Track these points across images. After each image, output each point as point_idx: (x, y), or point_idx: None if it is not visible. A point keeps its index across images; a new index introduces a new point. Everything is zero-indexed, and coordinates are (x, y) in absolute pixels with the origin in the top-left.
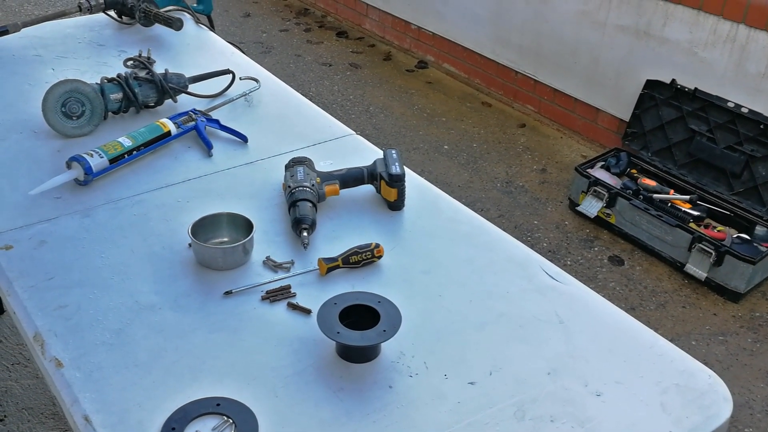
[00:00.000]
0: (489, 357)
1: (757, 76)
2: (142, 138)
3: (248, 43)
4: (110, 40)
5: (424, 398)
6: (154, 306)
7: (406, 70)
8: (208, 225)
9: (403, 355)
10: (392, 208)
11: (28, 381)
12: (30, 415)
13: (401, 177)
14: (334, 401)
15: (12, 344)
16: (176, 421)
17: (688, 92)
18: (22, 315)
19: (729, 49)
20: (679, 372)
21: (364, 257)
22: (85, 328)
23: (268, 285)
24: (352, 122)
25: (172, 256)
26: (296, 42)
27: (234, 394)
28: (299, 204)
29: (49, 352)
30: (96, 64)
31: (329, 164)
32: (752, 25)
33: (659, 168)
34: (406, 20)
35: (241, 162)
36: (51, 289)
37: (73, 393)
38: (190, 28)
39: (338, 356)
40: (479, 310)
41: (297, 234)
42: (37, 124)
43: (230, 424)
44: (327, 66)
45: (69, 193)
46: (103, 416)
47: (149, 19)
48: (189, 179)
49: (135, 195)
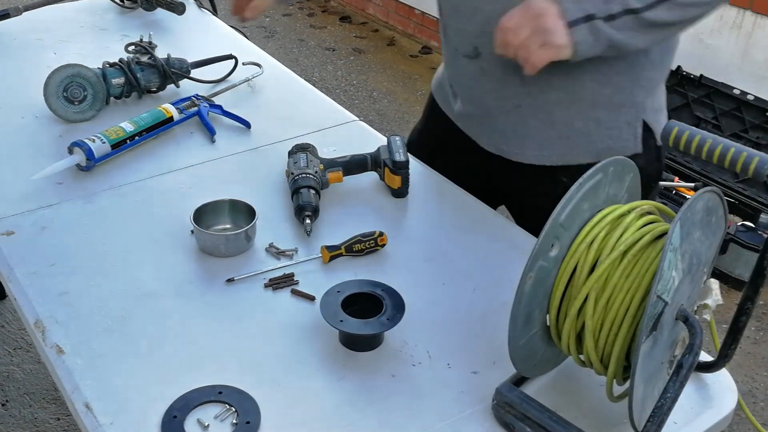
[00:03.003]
0: (493, 346)
1: (764, 63)
2: (145, 123)
3: (251, 27)
4: (112, 25)
5: (427, 387)
6: (155, 293)
7: (409, 55)
8: (210, 211)
9: (406, 343)
10: (396, 196)
11: (30, 366)
12: (32, 399)
13: (405, 164)
14: (336, 389)
15: (14, 329)
16: (178, 409)
17: (693, 79)
18: (23, 301)
19: (735, 35)
20: None
21: (367, 245)
22: (87, 314)
23: (270, 272)
24: (355, 108)
25: (174, 242)
26: (299, 27)
27: (236, 382)
28: (302, 191)
29: (50, 338)
30: (98, 49)
31: (332, 151)
32: (759, 11)
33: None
34: (409, 5)
35: (244, 148)
36: (52, 275)
37: (74, 380)
38: (193, 13)
39: (341, 344)
40: (483, 299)
41: (300, 221)
42: (39, 109)
43: (232, 412)
44: (330, 51)
45: (71, 178)
46: (104, 403)
47: (151, 3)
48: (191, 165)
49: (137, 181)
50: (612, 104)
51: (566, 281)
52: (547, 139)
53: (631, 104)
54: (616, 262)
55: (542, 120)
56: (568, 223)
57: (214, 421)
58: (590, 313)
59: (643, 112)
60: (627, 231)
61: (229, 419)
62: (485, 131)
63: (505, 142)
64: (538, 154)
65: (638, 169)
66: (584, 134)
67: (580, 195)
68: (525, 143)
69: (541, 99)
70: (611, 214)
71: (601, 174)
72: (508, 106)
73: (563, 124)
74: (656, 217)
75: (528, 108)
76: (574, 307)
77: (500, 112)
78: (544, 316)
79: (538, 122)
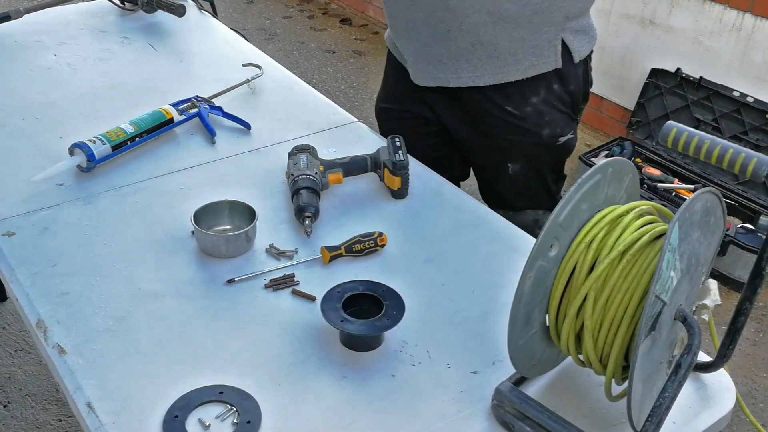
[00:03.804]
0: (492, 346)
1: (763, 65)
2: (145, 124)
3: (251, 29)
4: (113, 27)
5: (427, 387)
6: (156, 293)
7: None
8: (210, 212)
9: (406, 343)
10: (396, 197)
11: (32, 367)
12: (33, 401)
13: (405, 165)
14: (337, 389)
15: (15, 330)
16: (179, 409)
17: (693, 81)
18: (24, 302)
19: (735, 37)
20: None
21: (367, 246)
22: (88, 315)
23: (271, 273)
24: (355, 110)
25: (174, 243)
26: (299, 29)
27: (237, 382)
28: (302, 192)
29: (52, 339)
30: (98, 51)
31: (332, 152)
32: (758, 13)
33: (663, 157)
34: None
35: (244, 149)
36: (53, 276)
37: (76, 380)
38: (193, 15)
39: (341, 345)
40: (482, 300)
41: (300, 222)
42: (40, 111)
43: (233, 412)
44: (330, 53)
45: (71, 179)
46: (106, 403)
47: (152, 5)
48: (192, 166)
49: (137, 182)
50: (533, 24)
51: (565, 281)
52: (478, 59)
53: (550, 24)
54: (615, 262)
55: (471, 42)
56: (567, 224)
57: (215, 420)
58: (589, 313)
59: (562, 32)
60: (626, 231)
61: (230, 419)
62: (422, 65)
63: (441, 69)
64: (471, 75)
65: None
66: (511, 53)
67: (579, 195)
68: (459, 65)
69: (466, 22)
70: (610, 214)
71: (599, 175)
72: (440, 32)
73: (491, 45)
74: (655, 218)
75: (456, 32)
76: (573, 306)
77: (433, 39)
78: (544, 316)
79: (467, 44)
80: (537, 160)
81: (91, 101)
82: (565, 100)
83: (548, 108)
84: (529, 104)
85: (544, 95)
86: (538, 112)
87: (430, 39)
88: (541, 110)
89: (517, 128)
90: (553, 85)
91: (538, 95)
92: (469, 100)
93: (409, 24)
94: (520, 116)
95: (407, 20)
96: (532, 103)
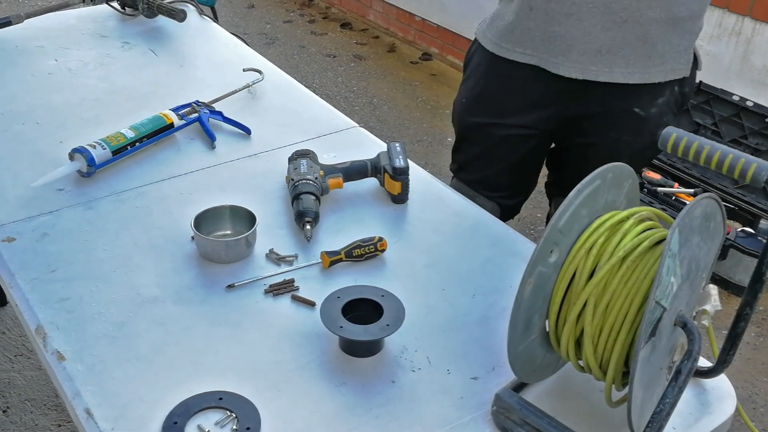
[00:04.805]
0: (492, 352)
1: (763, 69)
2: (145, 129)
3: (252, 34)
4: (113, 32)
5: (427, 393)
6: (156, 299)
7: (410, 61)
8: (210, 217)
9: (406, 349)
10: (396, 202)
11: (31, 372)
12: (33, 406)
13: (405, 170)
14: (336, 396)
15: (15, 335)
16: (178, 415)
17: None
18: (24, 307)
19: (734, 42)
20: None
21: (367, 251)
22: (87, 321)
23: (271, 278)
24: (355, 114)
25: (174, 248)
26: (300, 33)
27: (236, 388)
28: (302, 197)
29: (51, 344)
30: (99, 56)
31: (333, 157)
32: (758, 18)
33: (663, 161)
34: (410, 12)
35: (244, 154)
36: (53, 281)
37: (75, 386)
38: (194, 20)
39: (341, 350)
40: (483, 305)
41: (300, 227)
42: (40, 116)
43: (233, 418)
44: (331, 57)
45: (72, 184)
46: (105, 410)
47: (152, 10)
48: (192, 171)
49: (137, 187)
50: (683, 30)
51: (565, 287)
52: (635, 56)
53: (692, 31)
54: (615, 268)
55: (638, 37)
56: (567, 229)
57: (215, 427)
58: (589, 319)
59: (695, 39)
60: (626, 237)
61: (230, 425)
62: (575, 54)
63: (594, 62)
64: (623, 71)
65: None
66: (660, 54)
67: (579, 201)
68: (614, 60)
69: (646, 15)
70: (610, 220)
71: (599, 180)
72: (614, 20)
73: (651, 43)
74: (655, 223)
75: (632, 23)
76: (573, 312)
77: (602, 27)
78: (544, 322)
79: (634, 38)
80: (638, 160)
81: (91, 106)
82: (679, 102)
83: (667, 109)
84: (655, 106)
85: (667, 97)
86: (659, 113)
87: (598, 27)
88: (663, 111)
89: (636, 129)
90: (674, 88)
91: (663, 96)
92: (595, 98)
93: (582, 8)
94: (644, 117)
95: (579, 4)
96: (657, 104)
